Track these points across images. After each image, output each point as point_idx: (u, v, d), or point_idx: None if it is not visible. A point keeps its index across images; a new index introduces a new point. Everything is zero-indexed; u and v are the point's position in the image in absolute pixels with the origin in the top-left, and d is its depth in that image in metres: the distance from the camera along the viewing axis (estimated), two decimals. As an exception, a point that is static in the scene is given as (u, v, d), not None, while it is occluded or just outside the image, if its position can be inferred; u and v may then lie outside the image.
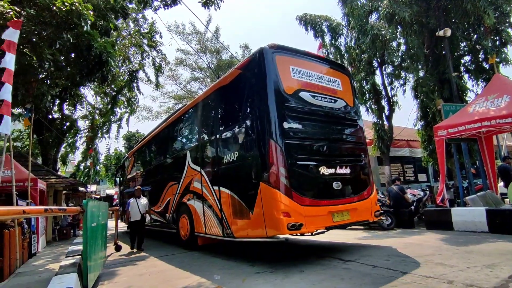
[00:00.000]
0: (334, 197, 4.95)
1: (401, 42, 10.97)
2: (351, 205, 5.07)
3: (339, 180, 5.02)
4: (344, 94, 5.82)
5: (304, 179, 4.72)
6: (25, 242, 6.59)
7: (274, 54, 5.06)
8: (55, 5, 5.55)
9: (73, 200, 20.65)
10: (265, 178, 4.48)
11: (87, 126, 17.93)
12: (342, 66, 6.98)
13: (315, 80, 5.44)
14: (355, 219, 5.10)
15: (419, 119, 10.17)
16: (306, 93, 5.16)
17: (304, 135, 5.01)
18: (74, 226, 12.86)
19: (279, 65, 5.02)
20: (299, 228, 4.31)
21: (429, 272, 3.79)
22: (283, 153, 4.52)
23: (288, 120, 4.79)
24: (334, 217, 4.77)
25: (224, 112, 6.12)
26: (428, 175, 14.29)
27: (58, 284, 3.17)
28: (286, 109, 4.84)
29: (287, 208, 4.29)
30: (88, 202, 4.12)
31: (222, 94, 6.11)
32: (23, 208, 1.92)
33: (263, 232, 4.48)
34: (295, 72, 5.22)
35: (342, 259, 4.81)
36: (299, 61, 5.42)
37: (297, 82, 5.18)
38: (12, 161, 6.68)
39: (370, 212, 5.34)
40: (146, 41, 12.95)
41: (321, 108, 5.32)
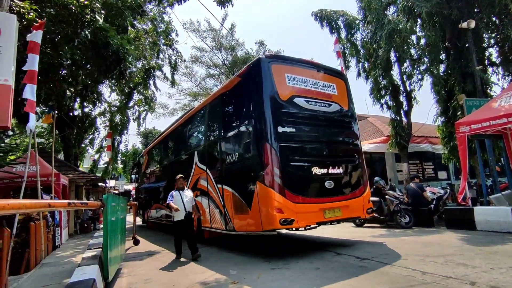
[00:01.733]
0: (326, 195, 5.27)
1: (421, 36, 10.61)
2: (343, 203, 5.42)
3: (332, 179, 5.38)
4: (339, 98, 6.15)
5: (297, 178, 5.10)
6: (50, 235, 6.87)
7: (270, 63, 5.49)
8: (72, 3, 5.71)
9: (93, 195, 21.36)
10: (261, 177, 4.91)
11: (105, 123, 18.51)
12: (338, 71, 7.25)
13: (310, 86, 5.81)
14: (347, 215, 5.48)
15: (439, 114, 9.83)
16: (300, 99, 5.54)
17: (298, 138, 5.38)
18: (94, 220, 13.31)
19: (275, 73, 5.41)
20: (291, 223, 4.69)
21: (450, 272, 3.68)
22: (277, 155, 4.93)
23: (283, 124, 5.18)
24: (326, 214, 5.14)
25: (226, 116, 6.58)
26: (449, 173, 13.82)
27: (81, 275, 3.30)
28: (281, 114, 5.23)
29: (280, 205, 4.71)
30: (108, 197, 4.25)
31: (224, 99, 6.61)
32: (49, 201, 2.00)
33: (259, 227, 4.91)
34: (290, 79, 5.59)
35: (359, 257, 4.75)
36: (295, 69, 5.80)
37: (292, 89, 5.55)
38: (37, 157, 6.95)
39: (362, 210, 5.68)
40: (163, 40, 13.14)
41: (315, 113, 5.66)
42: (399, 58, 10.56)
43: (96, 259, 4.22)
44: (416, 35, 10.62)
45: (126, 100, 15.93)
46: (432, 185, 10.37)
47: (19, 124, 9.36)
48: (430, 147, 12.00)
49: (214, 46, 21.52)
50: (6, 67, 3.17)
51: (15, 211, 1.50)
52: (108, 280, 4.01)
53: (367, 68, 11.52)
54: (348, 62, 12.49)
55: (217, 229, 6.28)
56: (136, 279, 4.43)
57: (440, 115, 9.69)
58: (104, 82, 12.32)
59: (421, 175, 12.72)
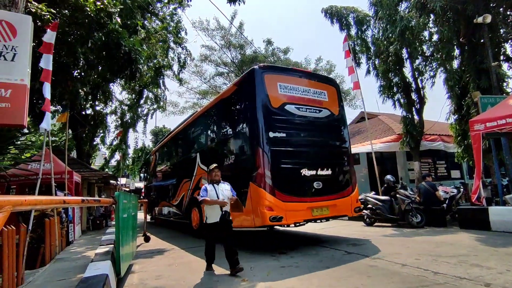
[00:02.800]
0: (315, 195, 5.67)
1: (433, 32, 10.37)
2: (331, 202, 5.80)
3: (320, 180, 5.77)
4: (329, 104, 6.52)
5: (287, 179, 5.51)
6: (63, 231, 7.04)
7: (263, 73, 5.86)
8: (87, 5, 5.80)
9: (104, 192, 21.77)
10: (253, 178, 5.39)
11: (115, 121, 18.82)
12: (330, 78, 7.72)
13: (301, 94, 6.19)
14: (335, 213, 5.90)
15: (452, 112, 9.60)
16: (291, 106, 5.93)
17: (288, 142, 5.75)
18: (106, 217, 13.56)
19: (267, 82, 5.80)
20: (279, 220, 5.14)
21: (464, 273, 3.60)
22: (268, 158, 5.38)
23: (274, 130, 5.58)
24: (314, 212, 5.54)
25: (224, 120, 7.08)
26: (462, 172, 13.51)
27: (94, 270, 3.36)
28: (272, 120, 5.64)
29: (270, 203, 5.15)
30: (120, 194, 4.32)
31: (222, 106, 7.09)
32: (64, 198, 2.05)
33: (252, 223, 5.36)
34: (282, 87, 5.98)
35: (369, 256, 4.70)
36: (287, 78, 6.19)
37: (284, 97, 5.94)
38: (51, 155, 7.12)
39: (350, 208, 6.06)
40: (172, 38, 13.24)
41: (305, 118, 6.06)
42: (411, 54, 10.36)
43: (108, 255, 4.30)
44: (428, 31, 10.39)
45: (137, 98, 16.15)
46: (444, 184, 10.16)
47: (33, 122, 9.60)
48: (443, 145, 11.75)
49: (223, 45, 21.59)
50: (22, 67, 3.25)
51: (32, 207, 1.54)
52: (120, 276, 4.08)
53: (377, 65, 11.34)
54: (359, 59, 12.33)
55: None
56: (147, 275, 4.50)
57: (454, 113, 9.47)
58: (116, 82, 12.50)
59: (433, 174, 12.48)
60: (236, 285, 3.73)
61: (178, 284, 3.97)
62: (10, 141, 6.21)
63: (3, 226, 1.55)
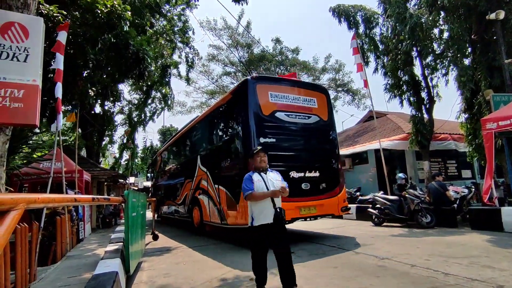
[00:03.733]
0: (302, 195, 6.01)
1: (444, 29, 10.19)
2: (318, 202, 6.19)
3: (308, 181, 6.16)
4: (319, 110, 6.89)
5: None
6: (74, 229, 7.16)
7: (255, 84, 6.27)
8: (98, 7, 5.88)
9: (113, 191, 22.08)
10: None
11: (123, 120, 19.08)
12: (320, 86, 8.28)
13: (291, 101, 6.57)
14: (322, 212, 6.27)
15: (463, 111, 9.42)
16: (281, 113, 6.33)
17: (278, 147, 6.12)
18: (115, 215, 13.75)
19: (259, 92, 6.22)
20: None
21: (475, 274, 3.54)
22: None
23: (264, 135, 6.00)
24: (301, 211, 5.94)
25: (220, 126, 7.53)
26: (473, 172, 13.26)
27: (104, 268, 3.41)
28: (263, 127, 6.05)
29: None
30: (129, 192, 4.37)
31: (219, 112, 7.55)
32: (75, 196, 2.08)
33: (244, 221, 5.57)
34: (273, 96, 6.39)
35: (378, 257, 4.65)
36: (278, 87, 6.61)
37: (274, 105, 6.34)
38: (62, 154, 7.25)
39: (337, 208, 6.46)
40: (180, 38, 13.34)
41: (294, 124, 6.46)
42: (421, 52, 10.20)
43: (118, 253, 4.36)
44: (439, 28, 10.21)
45: (144, 97, 16.33)
46: (455, 184, 9.99)
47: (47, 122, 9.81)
48: (454, 144, 11.54)
49: (230, 44, 21.62)
50: (34, 68, 3.31)
51: (45, 204, 1.57)
52: (130, 274, 4.13)
53: (386, 64, 11.21)
54: (367, 58, 12.21)
55: (214, 222, 7.09)
56: (156, 273, 4.55)
57: (464, 111, 9.29)
58: (124, 82, 12.66)
59: (444, 173, 12.28)
60: (242, 284, 3.73)
61: (186, 282, 4.00)
62: (23, 141, 6.35)
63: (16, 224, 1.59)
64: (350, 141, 15.53)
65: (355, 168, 14.37)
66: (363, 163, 13.92)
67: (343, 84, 22.56)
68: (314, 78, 23.15)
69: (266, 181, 3.43)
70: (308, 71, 22.35)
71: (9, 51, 3.17)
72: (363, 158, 13.83)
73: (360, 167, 14.11)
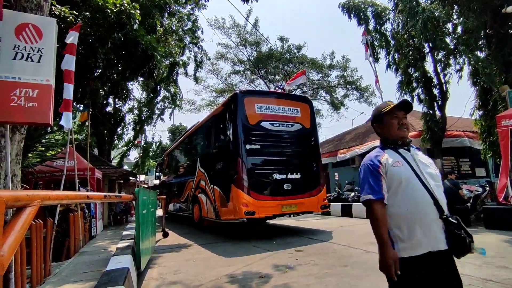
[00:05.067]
0: (284, 195, 6.80)
1: (457, 23, 9.92)
2: (299, 200, 6.91)
3: (290, 182, 6.91)
4: (302, 119, 7.63)
5: (260, 182, 6.72)
6: (86, 225, 7.32)
7: (243, 97, 7.08)
8: (108, 7, 5.95)
9: (124, 189, 22.44)
10: (234, 181, 6.60)
11: (133, 119, 19.36)
12: (303, 97, 9.23)
13: (275, 112, 7.33)
14: (302, 210, 7.07)
15: (477, 108, 9.17)
16: (266, 122, 7.11)
17: (263, 152, 6.93)
18: (126, 212, 13.97)
19: (246, 104, 7.01)
20: (252, 214, 6.35)
21: (490, 275, 3.46)
22: (245, 166, 6.59)
23: (250, 142, 6.78)
24: (283, 208, 6.71)
25: (214, 133, 8.41)
26: (488, 170, 12.92)
27: (116, 264, 3.47)
28: (249, 135, 6.83)
29: (246, 201, 6.38)
30: (140, 190, 4.42)
31: (213, 121, 8.46)
32: (87, 193, 2.12)
33: (233, 216, 6.61)
34: (259, 108, 7.15)
35: (389, 256, 4.59)
36: (264, 99, 7.44)
37: (260, 115, 7.09)
38: (74, 152, 7.40)
39: (317, 206, 7.20)
40: (189, 38, 13.41)
41: (278, 132, 7.23)
42: (433, 48, 9.97)
43: (129, 250, 4.43)
44: (452, 23, 9.96)
45: (152, 95, 16.51)
46: (469, 182, 9.77)
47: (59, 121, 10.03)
48: (468, 141, 11.26)
49: (239, 42, 21.61)
50: (47, 68, 3.37)
51: (59, 201, 1.60)
52: (141, 270, 4.19)
53: (397, 60, 11.01)
54: (378, 54, 12.02)
55: (211, 218, 7.88)
56: (166, 270, 4.60)
57: (479, 108, 9.05)
58: (134, 80, 12.82)
59: (457, 171, 12.01)
60: (252, 282, 3.74)
61: (196, 279, 4.03)
62: (37, 139, 6.50)
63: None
64: (360, 139, 15.35)
65: (365, 166, 14.17)
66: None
67: (352, 81, 22.28)
68: (323, 75, 22.95)
69: (414, 165, 1.67)
70: (317, 67, 22.15)
71: (23, 52, 3.23)
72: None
73: (370, 165, 13.91)
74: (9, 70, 3.12)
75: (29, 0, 3.59)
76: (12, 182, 3.37)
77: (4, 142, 3.27)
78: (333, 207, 11.66)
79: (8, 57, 3.15)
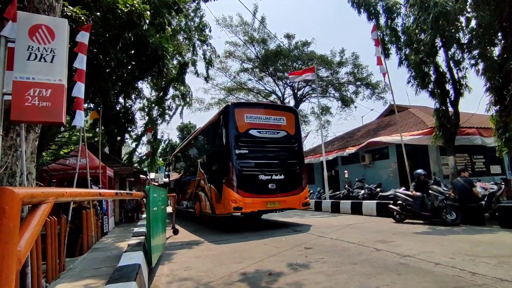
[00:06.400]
0: (269, 193, 7.76)
1: (471, 17, 9.63)
2: (282, 198, 7.88)
3: (274, 182, 7.87)
4: (287, 127, 8.57)
5: (248, 182, 7.63)
6: (99, 222, 7.47)
7: (234, 108, 8.15)
8: (118, 7, 6.02)
9: (135, 186, 22.77)
10: (226, 181, 7.61)
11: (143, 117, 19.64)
12: (289, 107, 10.45)
13: (263, 121, 8.28)
14: (285, 206, 8.03)
15: (492, 103, 8.91)
16: (254, 130, 8.06)
17: (251, 156, 7.88)
18: (137, 210, 14.19)
19: (237, 115, 7.99)
20: (240, 209, 7.42)
21: (505, 275, 3.37)
22: (235, 168, 7.57)
23: (240, 148, 7.75)
24: (267, 205, 7.70)
25: (211, 139, 9.54)
26: (503, 167, 12.59)
27: (128, 260, 3.54)
28: (239, 142, 7.81)
29: (235, 198, 7.38)
30: (150, 188, 4.48)
31: (210, 129, 9.51)
32: (100, 191, 2.15)
33: (224, 211, 7.68)
34: (248, 117, 8.11)
35: (400, 254, 4.54)
36: (253, 110, 8.46)
37: (248, 124, 8.04)
38: (86, 151, 7.54)
39: (299, 203, 8.09)
40: (197, 36, 13.45)
41: (264, 139, 8.16)
42: (445, 43, 9.73)
43: (140, 246, 4.50)
44: (465, 16, 9.68)
45: (162, 94, 16.68)
46: (483, 180, 9.54)
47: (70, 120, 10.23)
48: (480, 139, 10.98)
49: (246, 40, 21.57)
50: (60, 68, 3.44)
51: (72, 198, 1.64)
52: (152, 266, 4.26)
53: (408, 56, 10.78)
54: (388, 50, 11.81)
55: (209, 213, 8.92)
56: (177, 267, 4.65)
57: (494, 103, 8.80)
58: (145, 79, 12.96)
59: (470, 169, 11.74)
60: (261, 279, 3.75)
61: (207, 275, 4.06)
62: (50, 138, 6.65)
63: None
64: (370, 136, 15.17)
65: (375, 163, 14.03)
66: (384, 158, 13.57)
67: (362, 78, 21.96)
68: (332, 72, 22.70)
69: None
70: (326, 64, 21.92)
71: (37, 53, 3.30)
72: (384, 154, 13.47)
73: (380, 163, 13.76)
74: (23, 71, 3.20)
75: (42, 2, 3.66)
76: (28, 179, 3.46)
77: (20, 141, 3.35)
78: (342, 205, 11.58)
79: (22, 58, 3.23)
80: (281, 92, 23.81)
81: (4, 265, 0.89)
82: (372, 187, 12.10)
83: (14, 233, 0.93)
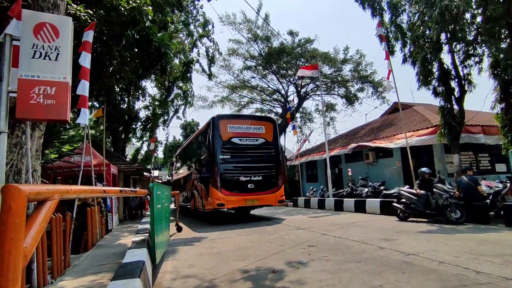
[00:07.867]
0: (248, 192, 9.00)
1: (476, 14, 9.50)
2: (260, 196, 9.12)
3: (253, 183, 9.09)
4: (265, 134, 9.79)
5: (230, 183, 8.89)
6: (103, 219, 7.52)
7: (219, 120, 9.37)
8: (121, 4, 6.03)
9: (139, 184, 22.88)
10: (211, 182, 8.94)
11: (146, 116, 19.71)
12: (267, 118, 12.38)
13: (244, 130, 9.52)
14: (262, 203, 9.39)
15: (498, 101, 8.80)
16: (235, 138, 9.32)
17: (232, 161, 9.16)
18: (141, 207, 14.28)
19: (221, 126, 9.27)
20: (222, 206, 8.75)
21: (510, 273, 3.35)
22: (219, 171, 8.85)
23: (223, 154, 9.05)
24: (247, 202, 9.00)
25: (200, 145, 10.87)
26: (509, 165, 12.46)
27: (132, 257, 3.56)
28: (222, 148, 9.08)
29: (218, 196, 8.69)
30: (154, 185, 4.50)
31: (200, 136, 11.03)
32: (104, 188, 2.17)
33: (210, 207, 9.01)
34: (230, 127, 9.39)
35: (403, 252, 4.52)
36: (235, 121, 9.72)
37: (231, 133, 9.32)
38: (90, 148, 7.59)
39: (275, 200, 9.40)
40: (200, 30, 13.45)
41: (245, 145, 9.38)
42: (450, 39, 9.62)
43: (144, 243, 4.53)
44: (471, 12, 9.55)
45: (166, 94, 16.72)
46: (488, 178, 9.45)
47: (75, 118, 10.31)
48: (483, 138, 10.87)
49: (250, 38, 21.49)
50: (64, 66, 3.46)
51: (77, 195, 1.65)
52: (155, 263, 4.28)
53: (413, 52, 10.68)
54: (393, 47, 11.71)
55: (200, 208, 10.27)
56: (180, 264, 4.68)
57: (500, 101, 8.70)
58: (148, 78, 13.00)
59: (475, 167, 11.64)
60: (265, 277, 3.76)
61: (210, 272, 4.08)
62: (55, 136, 6.70)
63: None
64: (374, 134, 15.08)
65: (379, 161, 13.97)
66: (387, 156, 13.50)
67: (366, 76, 21.79)
68: (335, 70, 22.56)
69: None
70: (330, 62, 21.78)
71: (41, 51, 3.32)
72: (388, 152, 13.40)
73: (384, 161, 13.69)
74: (28, 69, 3.22)
75: (46, 0, 3.67)
76: (33, 177, 3.49)
77: (25, 138, 3.38)
78: (346, 203, 11.55)
79: (27, 56, 3.25)
80: (284, 90, 23.73)
81: (11, 261, 0.90)
82: (376, 185, 12.05)
83: (20, 229, 0.94)
